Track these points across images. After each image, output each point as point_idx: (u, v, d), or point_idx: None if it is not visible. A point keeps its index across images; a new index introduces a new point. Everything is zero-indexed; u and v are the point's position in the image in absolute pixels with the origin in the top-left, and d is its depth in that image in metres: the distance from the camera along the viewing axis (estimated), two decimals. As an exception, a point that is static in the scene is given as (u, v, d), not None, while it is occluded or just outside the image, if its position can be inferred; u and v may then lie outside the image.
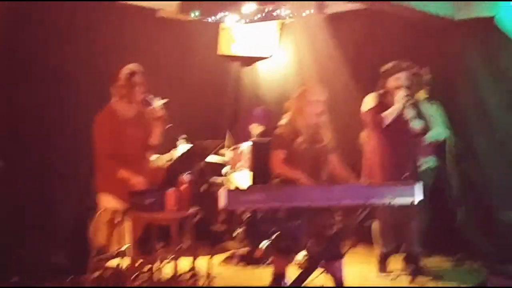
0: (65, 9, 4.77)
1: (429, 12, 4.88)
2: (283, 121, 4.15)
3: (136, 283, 4.31)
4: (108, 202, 4.12)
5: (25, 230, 4.50)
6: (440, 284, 4.47)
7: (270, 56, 6.47)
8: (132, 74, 4.11)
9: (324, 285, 3.56)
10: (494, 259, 4.76)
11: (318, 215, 3.94)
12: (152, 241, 3.83)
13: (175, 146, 5.08)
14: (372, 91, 4.67)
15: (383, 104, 4.54)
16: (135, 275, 4.18)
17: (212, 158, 5.05)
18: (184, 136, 4.01)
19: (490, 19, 4.90)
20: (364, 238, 4.78)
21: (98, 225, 4.20)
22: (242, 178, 5.11)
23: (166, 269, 4.46)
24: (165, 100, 4.19)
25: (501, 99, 5.06)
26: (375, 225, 4.72)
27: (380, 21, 5.52)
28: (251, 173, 5.12)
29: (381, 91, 4.60)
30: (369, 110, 4.57)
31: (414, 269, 4.50)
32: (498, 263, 4.46)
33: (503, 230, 4.84)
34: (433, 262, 5.05)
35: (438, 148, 5.12)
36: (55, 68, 4.73)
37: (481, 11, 4.98)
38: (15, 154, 4.38)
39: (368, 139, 4.71)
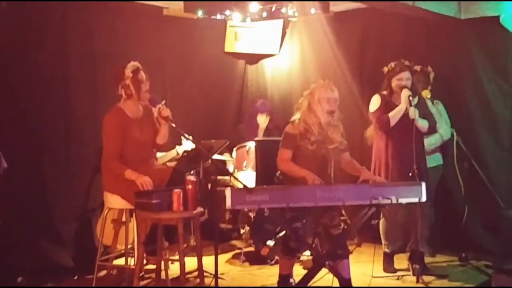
0: (67, 8, 4.78)
1: (434, 11, 4.88)
2: (294, 117, 4.11)
3: (143, 283, 4.35)
4: (114, 202, 4.14)
5: (30, 230, 4.52)
6: (445, 283, 4.47)
7: (275, 54, 6.47)
8: (137, 71, 4.12)
9: (332, 285, 3.58)
10: (500, 257, 4.77)
11: (324, 215, 3.97)
12: (158, 240, 3.84)
13: (180, 144, 5.11)
14: (376, 91, 4.68)
15: (388, 104, 4.55)
16: (141, 274, 4.21)
17: (218, 157, 5.06)
18: (189, 136, 4.03)
19: (496, 18, 4.90)
20: (370, 237, 4.80)
21: (103, 225, 4.21)
22: (247, 177, 5.12)
23: (173, 268, 4.51)
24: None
25: (506, 98, 5.07)
26: (381, 224, 4.73)
27: (384, 20, 5.53)
28: (255, 172, 5.14)
29: (386, 92, 4.61)
30: (375, 111, 4.59)
31: (420, 268, 4.50)
32: (503, 262, 4.47)
33: (508, 229, 4.85)
34: (438, 261, 5.07)
35: (444, 146, 5.13)
36: (59, 68, 4.76)
37: (487, 10, 4.98)
38: (20, 154, 4.39)
39: (374, 139, 4.72)
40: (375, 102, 4.61)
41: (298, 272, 4.49)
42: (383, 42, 5.60)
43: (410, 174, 4.30)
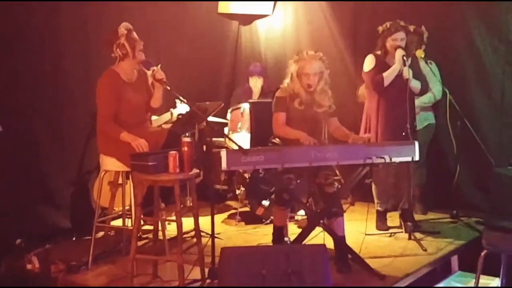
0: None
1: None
2: (284, 83, 4.18)
3: (141, 243, 4.40)
4: (110, 165, 4.15)
5: (27, 193, 4.53)
6: (437, 239, 4.54)
7: (269, 15, 6.38)
8: (130, 30, 4.09)
9: (325, 243, 3.64)
10: (490, 214, 4.84)
11: (319, 174, 4.01)
12: (155, 202, 3.87)
13: (174, 107, 5.10)
14: (371, 51, 4.66)
15: (382, 65, 4.54)
16: (139, 234, 4.25)
17: (213, 119, 5.07)
18: (184, 98, 4.02)
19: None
20: (363, 196, 4.85)
21: (100, 187, 4.23)
22: (242, 139, 5.13)
23: (170, 229, 4.55)
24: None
25: (498, 56, 5.04)
26: (372, 185, 4.75)
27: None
28: (250, 134, 5.15)
29: (380, 52, 4.59)
30: (369, 71, 4.57)
31: (411, 225, 4.57)
32: (493, 218, 4.54)
33: (498, 186, 4.90)
34: (430, 218, 5.13)
35: (437, 105, 5.13)
36: (50, 32, 4.68)
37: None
38: (13, 118, 4.37)
39: (366, 98, 4.72)
40: (369, 62, 4.60)
41: (293, 231, 4.56)
42: (376, 2, 5.53)
43: (404, 133, 4.32)
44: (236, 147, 3.79)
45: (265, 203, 4.93)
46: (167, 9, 5.72)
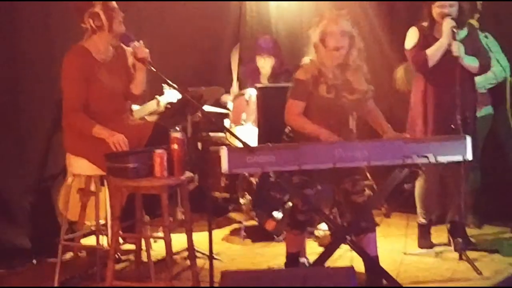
0: None
1: None
2: (305, 60, 4.11)
3: (119, 266, 4.39)
4: (80, 167, 4.13)
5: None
6: (495, 259, 4.53)
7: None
8: None
9: (353, 265, 3.63)
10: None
11: (345, 179, 3.99)
12: (136, 214, 3.86)
13: (161, 94, 5.10)
14: (412, 24, 4.64)
15: (428, 39, 4.52)
16: (117, 255, 4.25)
17: (210, 109, 5.06)
18: (173, 83, 4.01)
19: None
20: (401, 205, 4.84)
21: (67, 196, 4.23)
22: (247, 133, 5.12)
23: (156, 248, 4.54)
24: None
25: None
26: (417, 189, 4.74)
27: None
28: (257, 127, 5.16)
29: (425, 23, 4.57)
30: (411, 48, 4.56)
31: (463, 242, 4.54)
32: None
33: None
34: (486, 233, 5.13)
35: (495, 91, 5.10)
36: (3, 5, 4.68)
37: None
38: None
39: (414, 85, 4.72)
40: (411, 36, 4.59)
41: (313, 250, 4.55)
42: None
43: (453, 126, 4.29)
44: (239, 144, 3.77)
45: (277, 215, 4.92)
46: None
